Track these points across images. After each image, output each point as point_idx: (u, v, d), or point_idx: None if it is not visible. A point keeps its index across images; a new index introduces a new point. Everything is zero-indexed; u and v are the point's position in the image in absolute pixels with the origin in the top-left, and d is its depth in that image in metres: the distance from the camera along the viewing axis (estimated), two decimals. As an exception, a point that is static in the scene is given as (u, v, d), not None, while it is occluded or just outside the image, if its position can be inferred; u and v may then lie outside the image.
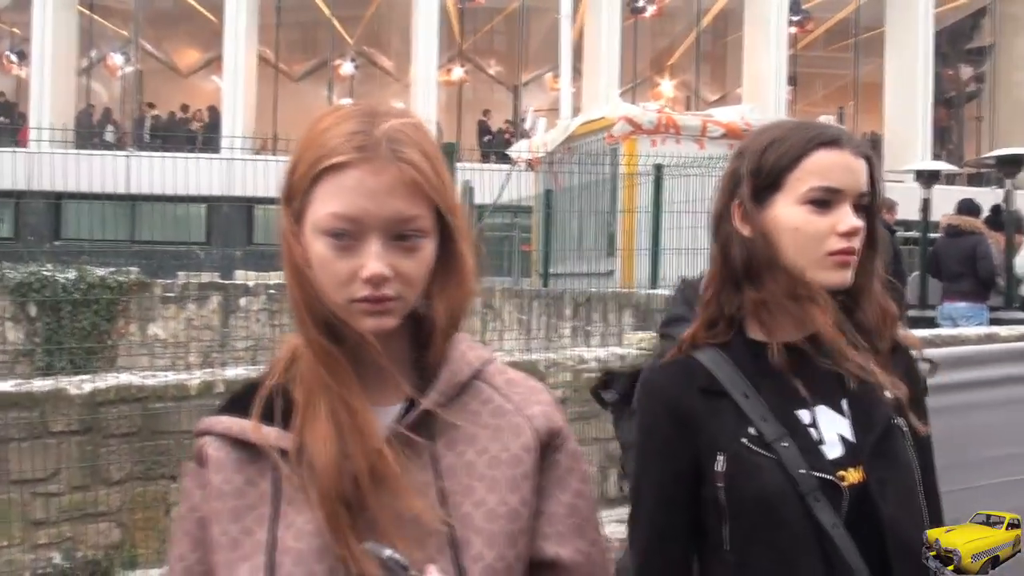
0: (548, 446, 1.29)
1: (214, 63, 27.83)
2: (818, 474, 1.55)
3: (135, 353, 10.57)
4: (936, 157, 26.85)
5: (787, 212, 1.62)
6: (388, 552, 1.12)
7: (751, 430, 1.58)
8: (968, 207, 10.49)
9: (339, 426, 1.19)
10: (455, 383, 1.28)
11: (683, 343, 1.71)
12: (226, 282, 12.11)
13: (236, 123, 23.78)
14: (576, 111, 18.46)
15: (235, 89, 24.38)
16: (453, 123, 28.47)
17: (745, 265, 1.64)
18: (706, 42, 31.29)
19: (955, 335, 8.34)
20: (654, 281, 10.85)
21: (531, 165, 14.10)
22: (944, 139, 30.36)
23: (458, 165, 6.11)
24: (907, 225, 12.64)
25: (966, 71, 30.52)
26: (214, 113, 26.15)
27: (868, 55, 29.75)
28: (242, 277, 12.78)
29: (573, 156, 12.60)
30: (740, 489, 1.57)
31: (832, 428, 1.61)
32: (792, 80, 28.45)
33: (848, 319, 1.64)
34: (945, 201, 11.91)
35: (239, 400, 1.29)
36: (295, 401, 1.23)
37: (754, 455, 1.57)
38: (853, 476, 1.57)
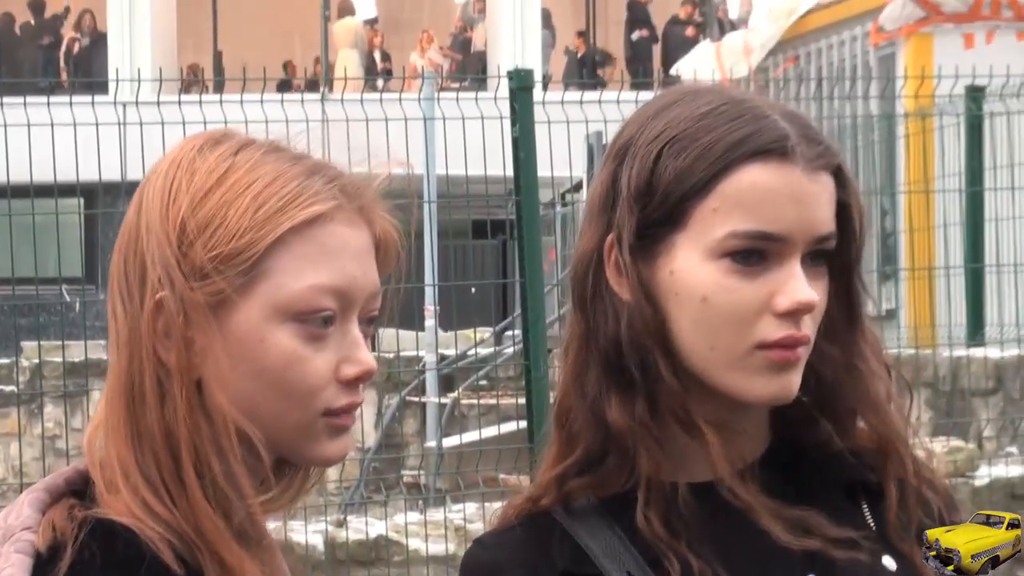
0: None
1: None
2: None
3: None
4: None
5: (692, 269, 1.08)
6: None
7: None
8: None
9: None
10: None
11: (535, 495, 1.17)
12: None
13: (135, 47, 15.52)
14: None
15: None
16: (567, 17, 19.20)
17: (618, 349, 1.09)
18: None
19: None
20: (974, 330, 7.49)
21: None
22: None
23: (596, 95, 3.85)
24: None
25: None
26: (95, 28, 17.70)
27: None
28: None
29: (802, 71, 9.10)
30: None
31: None
32: None
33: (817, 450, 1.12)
34: None
35: None
36: None
37: None
38: None
